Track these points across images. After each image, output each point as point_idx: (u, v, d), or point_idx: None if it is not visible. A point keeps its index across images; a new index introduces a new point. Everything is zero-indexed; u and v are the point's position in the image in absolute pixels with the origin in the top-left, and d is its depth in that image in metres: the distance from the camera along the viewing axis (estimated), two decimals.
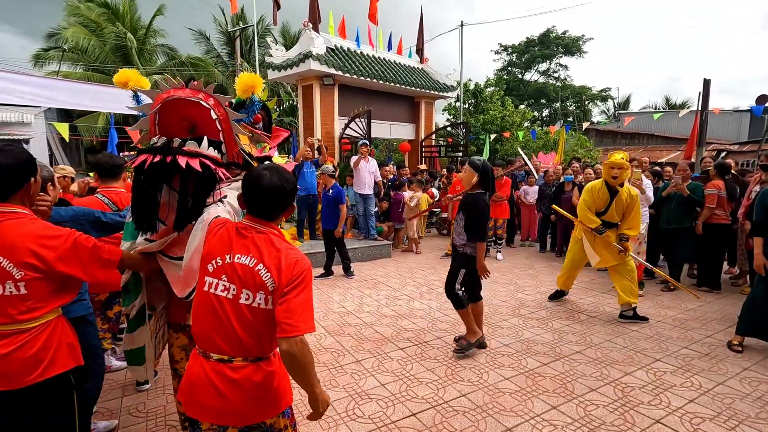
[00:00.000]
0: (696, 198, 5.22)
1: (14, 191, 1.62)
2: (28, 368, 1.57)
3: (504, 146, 16.42)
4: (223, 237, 1.52)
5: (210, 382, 1.43)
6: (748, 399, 2.84)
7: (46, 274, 1.57)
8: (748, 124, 17.56)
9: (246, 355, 1.45)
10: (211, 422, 1.47)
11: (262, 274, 1.42)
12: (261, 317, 1.44)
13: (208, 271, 1.49)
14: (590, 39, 28.52)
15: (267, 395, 1.48)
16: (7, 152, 1.59)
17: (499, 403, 2.81)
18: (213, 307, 1.45)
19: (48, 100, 6.20)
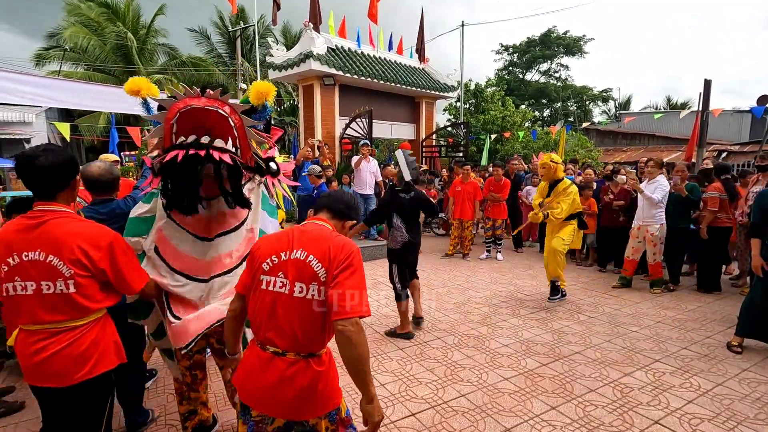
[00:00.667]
0: (693, 198, 5.20)
1: (61, 190, 1.65)
2: (78, 366, 1.60)
3: (504, 146, 16.41)
4: (282, 236, 1.58)
5: (262, 372, 1.48)
6: (747, 400, 2.84)
7: (92, 272, 1.61)
8: (749, 124, 17.52)
9: (298, 350, 1.48)
10: (259, 411, 1.51)
11: (314, 265, 1.46)
12: (314, 309, 1.46)
13: (263, 270, 1.52)
14: (591, 39, 28.52)
15: (312, 394, 1.49)
16: (54, 152, 1.61)
17: (498, 403, 2.82)
18: (269, 304, 1.49)
19: (49, 100, 6.21)
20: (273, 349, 1.48)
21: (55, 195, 1.63)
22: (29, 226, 1.58)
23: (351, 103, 9.56)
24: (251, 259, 1.59)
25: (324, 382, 1.52)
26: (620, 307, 4.78)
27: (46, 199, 1.63)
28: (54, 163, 1.59)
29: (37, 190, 1.62)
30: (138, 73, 17.92)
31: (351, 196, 1.76)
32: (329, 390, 1.54)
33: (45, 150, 1.61)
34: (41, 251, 1.55)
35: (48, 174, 1.59)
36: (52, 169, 1.59)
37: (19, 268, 1.55)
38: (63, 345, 1.57)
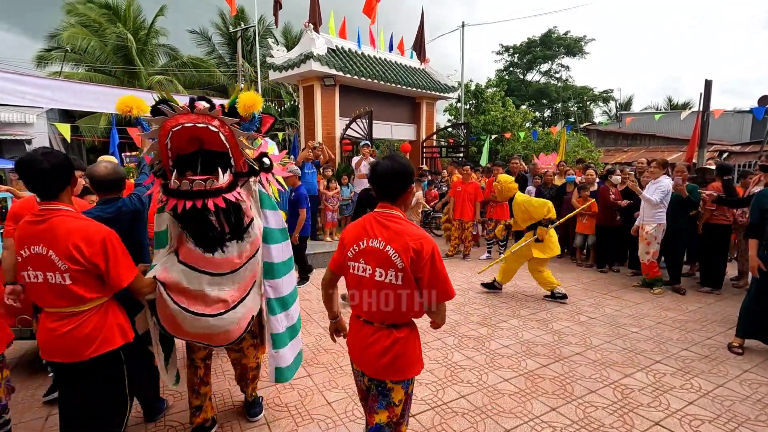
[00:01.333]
0: (693, 199, 5.20)
1: (61, 189, 1.82)
2: (84, 345, 1.81)
3: (505, 147, 16.41)
4: (357, 226, 1.79)
5: (357, 336, 1.80)
6: (748, 401, 2.83)
7: (85, 266, 1.76)
8: (750, 124, 17.49)
9: (382, 321, 1.73)
10: (356, 366, 1.85)
11: (391, 255, 1.65)
12: (394, 291, 1.67)
13: (349, 257, 1.77)
14: (592, 40, 28.51)
15: (392, 359, 1.71)
16: (51, 155, 1.78)
17: (498, 404, 2.81)
18: (357, 284, 1.76)
19: (50, 101, 6.23)
20: (364, 319, 1.78)
21: (57, 195, 1.80)
22: (37, 221, 1.77)
23: (351, 103, 9.56)
24: (341, 244, 1.84)
25: (402, 350, 1.72)
26: (621, 308, 4.77)
27: (48, 198, 1.80)
28: (54, 165, 1.76)
29: (40, 190, 1.79)
30: (139, 74, 17.97)
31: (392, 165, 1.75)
32: (406, 359, 1.73)
33: (44, 153, 1.77)
34: (43, 246, 1.74)
35: (49, 176, 1.75)
36: (53, 171, 1.75)
37: (30, 260, 1.77)
38: (71, 327, 1.79)
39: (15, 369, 3.25)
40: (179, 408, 2.79)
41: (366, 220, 1.77)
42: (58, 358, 1.83)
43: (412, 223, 1.74)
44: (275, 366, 2.42)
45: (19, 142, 13.07)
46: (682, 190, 5.17)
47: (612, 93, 29.87)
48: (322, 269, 6.63)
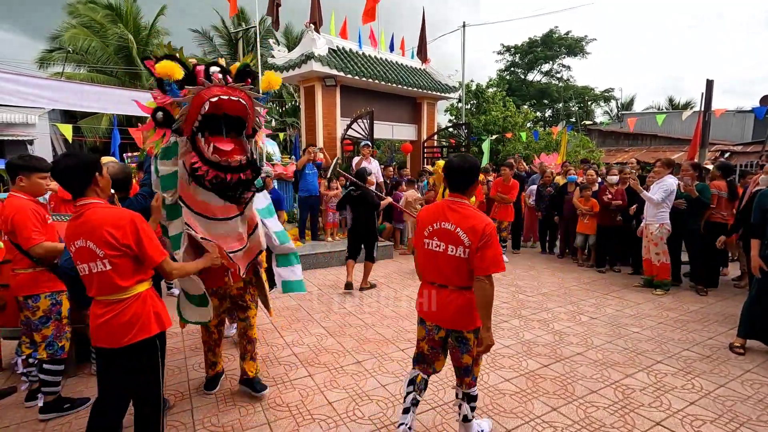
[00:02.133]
0: (704, 200, 5.11)
1: (86, 186, 1.95)
2: (124, 331, 1.94)
3: (506, 147, 16.39)
4: (431, 211, 2.24)
5: (430, 295, 2.23)
6: (750, 401, 2.83)
7: (120, 250, 1.90)
8: (752, 124, 17.45)
9: (454, 284, 2.16)
10: (431, 322, 2.26)
11: (460, 235, 2.08)
12: (462, 262, 2.10)
13: (424, 236, 2.22)
14: (593, 40, 28.48)
15: (464, 313, 2.16)
16: (72, 156, 1.96)
17: (499, 404, 2.81)
18: (432, 258, 2.19)
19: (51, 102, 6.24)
20: (439, 283, 2.20)
21: (83, 191, 1.95)
22: (74, 218, 1.95)
23: (352, 103, 9.57)
24: (419, 224, 2.28)
25: (471, 306, 2.14)
26: (622, 308, 4.76)
27: (77, 195, 1.96)
28: (71, 166, 1.91)
29: (69, 189, 1.96)
30: (140, 75, 17.99)
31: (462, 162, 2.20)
32: (475, 313, 2.14)
33: (65, 156, 1.96)
34: (83, 238, 1.90)
35: (68, 175, 1.93)
36: (72, 171, 1.92)
37: (77, 254, 1.94)
38: (113, 314, 1.93)
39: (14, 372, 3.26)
40: (181, 408, 2.79)
41: (440, 205, 2.23)
42: (102, 343, 1.97)
43: (475, 209, 2.17)
44: (281, 280, 3.26)
45: (21, 143, 13.10)
46: (692, 190, 5.09)
47: (613, 92, 29.84)
48: (320, 269, 6.65)
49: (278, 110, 20.98)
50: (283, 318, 4.50)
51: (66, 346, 2.79)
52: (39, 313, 2.67)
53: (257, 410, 2.76)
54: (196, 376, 3.22)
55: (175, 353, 3.64)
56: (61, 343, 2.75)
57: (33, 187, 2.66)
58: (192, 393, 2.98)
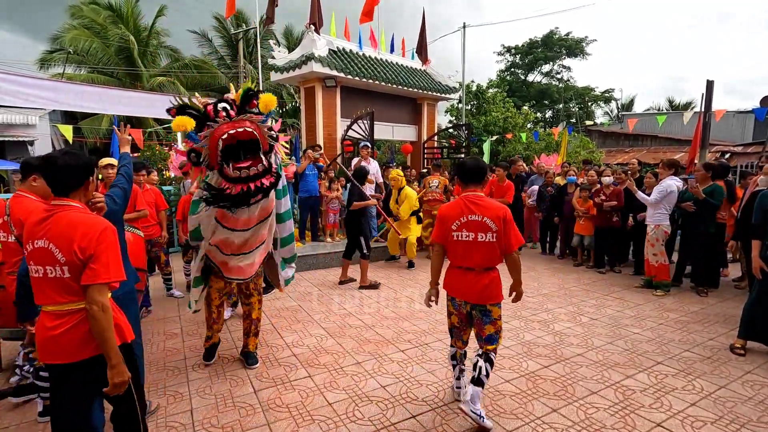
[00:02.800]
0: (713, 202, 4.96)
1: (74, 189, 1.86)
2: (82, 345, 1.78)
3: (506, 147, 16.39)
4: (452, 208, 2.66)
5: (461, 279, 2.65)
6: (750, 403, 2.82)
7: (80, 259, 1.73)
8: (752, 125, 17.44)
9: (480, 267, 2.59)
10: (460, 299, 2.68)
11: (488, 223, 2.53)
12: (492, 246, 2.56)
13: (452, 230, 2.62)
14: (593, 41, 28.50)
15: (490, 289, 2.59)
16: (72, 155, 1.87)
17: (499, 405, 2.81)
18: (463, 247, 2.60)
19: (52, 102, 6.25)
20: (467, 267, 2.62)
21: (69, 192, 1.85)
22: (42, 217, 1.80)
23: (352, 104, 9.56)
24: (442, 220, 2.67)
25: (496, 283, 2.61)
26: (622, 308, 4.76)
27: (60, 194, 1.84)
28: (70, 165, 1.83)
29: (55, 186, 1.84)
30: (140, 76, 18.01)
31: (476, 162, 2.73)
32: (498, 289, 2.62)
33: (65, 153, 1.87)
34: (45, 239, 1.75)
35: (64, 173, 1.82)
36: (68, 170, 1.82)
37: (33, 254, 1.78)
38: (68, 326, 1.76)
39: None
40: (181, 409, 2.79)
41: (459, 202, 2.64)
42: (54, 358, 1.78)
43: (492, 199, 2.69)
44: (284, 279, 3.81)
45: (22, 144, 13.12)
46: (698, 192, 4.94)
47: (613, 93, 29.84)
48: (320, 270, 6.64)
49: (278, 111, 20.99)
50: (284, 319, 4.50)
51: None
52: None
53: (257, 411, 2.75)
54: (196, 377, 3.22)
55: (174, 354, 3.64)
56: None
57: (45, 188, 2.64)
58: (192, 394, 2.98)
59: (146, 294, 4.42)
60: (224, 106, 2.57)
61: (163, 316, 4.60)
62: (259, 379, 3.19)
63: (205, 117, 2.58)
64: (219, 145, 2.49)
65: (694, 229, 5.16)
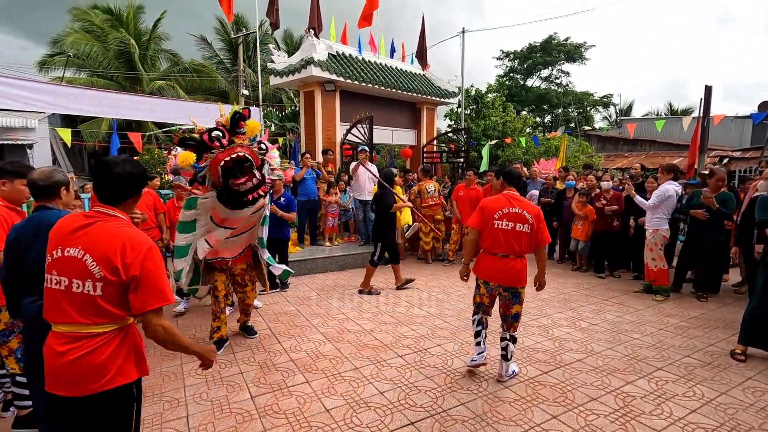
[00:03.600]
0: (725, 212, 4.84)
1: (125, 199, 1.70)
2: (95, 375, 1.53)
3: (505, 152, 16.41)
4: (495, 201, 3.17)
5: (495, 264, 3.12)
6: (752, 409, 2.80)
7: (120, 277, 1.54)
8: (750, 130, 17.48)
9: (515, 254, 3.08)
10: (494, 283, 3.16)
11: (526, 216, 3.06)
12: (526, 236, 3.07)
13: (494, 218, 3.10)
14: (592, 46, 28.65)
15: (522, 273, 3.11)
16: (133, 163, 1.73)
17: (498, 412, 2.78)
18: (501, 235, 3.08)
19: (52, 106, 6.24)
20: (501, 254, 3.09)
21: (119, 201, 1.68)
22: (82, 224, 1.60)
23: (352, 108, 9.58)
24: (485, 210, 3.16)
25: (525, 268, 3.13)
26: (622, 314, 4.74)
27: (107, 203, 1.67)
28: (134, 173, 1.70)
29: (105, 193, 1.67)
30: (140, 80, 18.03)
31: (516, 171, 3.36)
32: (526, 274, 3.13)
33: (125, 160, 1.72)
34: (81, 248, 1.55)
35: (121, 182, 1.67)
36: (130, 178, 1.69)
37: (59, 262, 1.56)
38: (83, 352, 1.52)
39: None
40: (177, 415, 2.76)
41: (502, 197, 3.18)
42: (59, 389, 1.53)
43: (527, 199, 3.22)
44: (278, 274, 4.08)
45: (21, 147, 13.11)
46: (712, 202, 4.80)
47: (612, 98, 29.95)
48: (319, 274, 6.62)
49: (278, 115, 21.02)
50: (282, 324, 4.47)
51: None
52: (1, 326, 2.50)
53: (254, 417, 2.72)
54: (193, 383, 3.19)
55: (170, 359, 3.60)
56: None
57: (13, 193, 2.58)
58: (188, 400, 2.95)
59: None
60: (217, 135, 2.99)
61: None
62: (256, 384, 3.16)
63: (203, 146, 3.01)
64: (219, 171, 2.98)
65: (704, 236, 5.01)
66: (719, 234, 5.03)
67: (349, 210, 7.85)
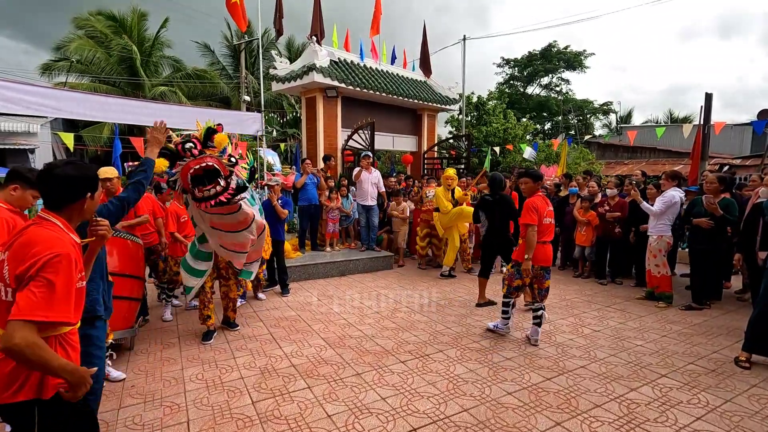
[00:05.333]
0: (729, 217, 4.70)
1: (68, 203, 1.60)
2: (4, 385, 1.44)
3: (506, 158, 16.46)
4: (542, 201, 3.96)
5: (543, 250, 3.94)
6: (757, 417, 2.77)
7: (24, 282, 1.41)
8: (750, 137, 17.54)
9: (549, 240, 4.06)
10: (538, 264, 3.94)
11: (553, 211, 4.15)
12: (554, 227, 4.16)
13: (543, 216, 3.91)
14: (591, 54, 28.81)
15: (551, 256, 4.11)
16: (74, 165, 1.62)
17: (501, 418, 2.76)
18: (548, 227, 3.97)
19: (54, 110, 6.26)
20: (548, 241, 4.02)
21: (60, 206, 1.59)
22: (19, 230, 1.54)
23: (353, 115, 9.62)
24: (538, 210, 3.88)
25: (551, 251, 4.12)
26: (624, 320, 4.71)
27: (50, 208, 1.59)
28: (70, 175, 1.59)
29: (44, 197, 1.61)
30: (143, 85, 18.14)
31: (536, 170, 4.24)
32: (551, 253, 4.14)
33: (68, 162, 1.63)
34: (6, 251, 1.49)
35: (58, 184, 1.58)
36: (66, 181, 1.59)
37: None
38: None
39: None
40: (177, 420, 2.74)
41: (540, 197, 4.00)
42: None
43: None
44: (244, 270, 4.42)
45: (23, 152, 13.15)
46: (715, 208, 4.67)
47: (612, 105, 30.08)
48: (320, 280, 6.61)
49: (279, 121, 21.09)
50: (282, 329, 4.45)
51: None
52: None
53: (255, 423, 2.70)
54: (193, 388, 3.17)
55: (172, 364, 3.58)
56: None
57: (20, 201, 2.58)
58: (188, 405, 2.93)
59: (144, 303, 4.37)
60: (190, 146, 3.26)
61: (160, 326, 4.55)
62: (257, 390, 3.13)
63: (177, 155, 3.27)
64: (188, 177, 3.26)
65: (710, 245, 4.87)
66: (723, 242, 4.89)
67: (351, 216, 7.84)
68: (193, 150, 3.30)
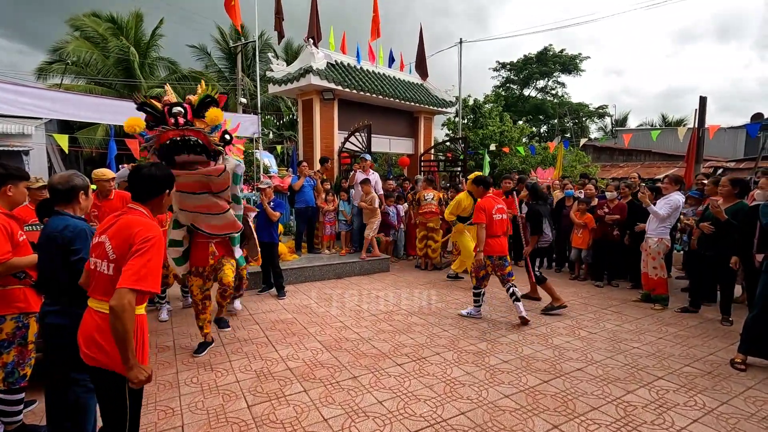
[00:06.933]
0: (735, 223, 4.41)
1: (152, 197, 1.99)
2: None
3: (503, 161, 16.50)
4: (489, 201, 4.64)
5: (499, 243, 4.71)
6: (754, 419, 2.78)
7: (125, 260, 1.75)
8: (743, 140, 17.68)
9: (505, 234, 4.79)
10: (497, 254, 4.67)
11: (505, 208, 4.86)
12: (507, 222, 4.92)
13: (493, 213, 4.61)
14: (587, 57, 29.00)
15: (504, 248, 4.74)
16: (159, 167, 2.06)
17: (498, 421, 2.74)
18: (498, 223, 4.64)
19: (49, 111, 6.22)
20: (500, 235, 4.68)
21: (145, 200, 1.97)
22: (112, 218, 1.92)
23: (350, 117, 9.62)
24: (487, 210, 4.55)
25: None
26: (621, 323, 4.72)
27: (136, 200, 1.97)
28: (156, 176, 1.99)
29: (134, 192, 1.98)
30: (139, 87, 18.07)
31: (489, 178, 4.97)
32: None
33: (153, 165, 2.04)
34: (105, 236, 1.85)
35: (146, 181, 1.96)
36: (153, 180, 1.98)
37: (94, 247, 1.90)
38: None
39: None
40: (172, 424, 2.71)
41: (490, 197, 4.66)
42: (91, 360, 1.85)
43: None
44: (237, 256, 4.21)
45: (17, 153, 13.04)
46: (720, 213, 4.42)
47: (607, 109, 30.27)
48: (316, 282, 6.58)
49: (276, 123, 21.07)
50: (278, 332, 4.42)
51: (28, 374, 2.54)
52: (2, 336, 2.45)
53: (250, 427, 2.67)
54: (188, 392, 3.13)
55: (166, 368, 3.55)
56: (23, 371, 2.51)
57: (18, 196, 2.56)
58: (183, 409, 2.89)
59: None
60: (179, 111, 2.96)
61: (155, 328, 4.51)
62: (252, 393, 3.11)
63: (161, 118, 2.99)
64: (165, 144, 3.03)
65: (708, 248, 4.72)
66: (727, 249, 4.50)
67: (348, 222, 7.80)
68: (179, 117, 2.96)
